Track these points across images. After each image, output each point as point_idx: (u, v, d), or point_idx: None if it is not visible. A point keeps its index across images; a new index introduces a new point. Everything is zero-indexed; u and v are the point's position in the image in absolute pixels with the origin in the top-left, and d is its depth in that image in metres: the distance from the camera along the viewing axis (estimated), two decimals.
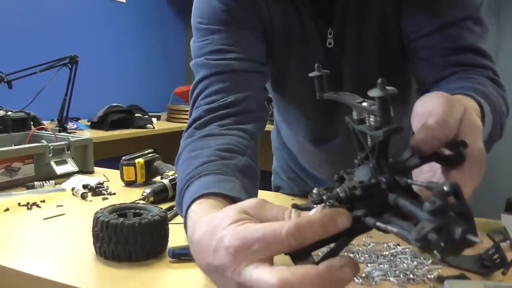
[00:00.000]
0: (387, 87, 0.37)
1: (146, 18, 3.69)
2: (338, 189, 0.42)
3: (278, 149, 1.24)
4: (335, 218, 0.40)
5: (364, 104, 0.42)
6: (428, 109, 0.44)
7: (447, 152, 0.43)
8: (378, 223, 0.40)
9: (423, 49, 0.79)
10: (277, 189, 1.24)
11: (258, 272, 0.38)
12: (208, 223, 0.46)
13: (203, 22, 0.83)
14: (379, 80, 0.37)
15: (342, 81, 0.88)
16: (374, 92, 0.38)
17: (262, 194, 1.10)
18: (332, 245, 0.42)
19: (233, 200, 0.55)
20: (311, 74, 0.49)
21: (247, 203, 0.45)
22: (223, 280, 0.43)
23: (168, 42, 3.93)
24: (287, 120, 1.06)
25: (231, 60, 0.80)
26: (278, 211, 0.44)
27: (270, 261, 0.40)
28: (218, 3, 0.82)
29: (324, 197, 0.42)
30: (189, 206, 0.55)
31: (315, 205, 0.43)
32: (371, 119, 0.41)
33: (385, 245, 0.76)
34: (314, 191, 0.43)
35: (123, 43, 3.47)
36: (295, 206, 0.45)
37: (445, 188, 0.34)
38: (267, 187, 1.21)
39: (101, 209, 0.72)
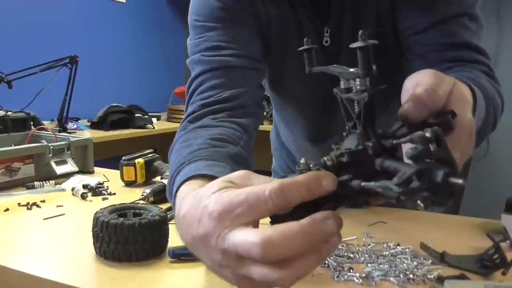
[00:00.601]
0: (368, 40, 0.37)
1: (146, 18, 3.69)
2: (325, 158, 0.42)
3: (277, 149, 1.24)
4: (319, 179, 0.39)
5: (351, 69, 0.43)
6: (416, 82, 0.43)
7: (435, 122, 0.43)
8: (363, 183, 0.38)
9: (418, 45, 0.79)
10: None
11: (242, 234, 0.38)
12: (194, 196, 0.45)
13: (200, 19, 0.84)
14: (360, 32, 0.37)
15: (338, 77, 0.88)
16: (355, 44, 0.38)
17: None
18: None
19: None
20: (300, 48, 0.49)
21: (234, 174, 0.44)
22: (207, 250, 0.41)
23: (168, 42, 3.93)
24: (285, 120, 1.07)
25: (227, 56, 0.80)
26: (265, 180, 0.43)
27: (254, 225, 0.39)
28: (214, 1, 0.82)
29: (311, 165, 0.42)
30: (178, 189, 0.54)
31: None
32: (357, 83, 0.41)
33: (385, 245, 0.76)
34: (302, 161, 0.43)
35: (123, 43, 3.47)
36: (282, 177, 0.43)
37: (426, 134, 0.34)
38: None
39: (101, 209, 0.72)
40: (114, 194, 1.07)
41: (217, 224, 0.39)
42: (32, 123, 1.48)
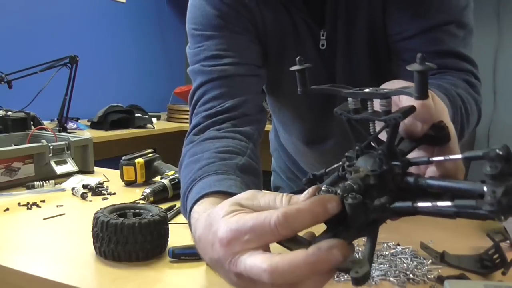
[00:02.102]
0: (427, 63, 0.37)
1: (146, 18, 3.69)
2: (350, 182, 0.40)
3: (276, 150, 1.25)
4: (324, 204, 0.39)
5: (367, 90, 0.42)
6: (403, 97, 0.45)
7: (434, 134, 0.45)
8: (421, 204, 0.37)
9: (406, 51, 0.79)
10: (276, 189, 1.25)
11: (252, 260, 0.40)
12: (206, 219, 0.47)
13: (197, 28, 0.84)
14: (419, 55, 0.37)
15: (335, 82, 0.88)
16: (413, 67, 0.37)
17: None
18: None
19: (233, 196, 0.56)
20: (292, 68, 0.47)
21: (240, 195, 0.46)
22: (224, 272, 0.44)
23: (168, 42, 3.93)
24: (283, 122, 1.07)
25: (227, 65, 0.80)
26: (270, 199, 0.44)
27: (265, 248, 0.41)
28: (211, 9, 0.82)
29: (338, 192, 0.40)
30: (191, 208, 0.56)
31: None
32: (382, 103, 0.40)
33: (385, 245, 0.76)
34: (323, 188, 0.42)
35: (123, 43, 3.47)
36: (293, 192, 0.45)
37: (499, 151, 0.34)
38: (267, 187, 1.21)
39: (101, 209, 0.72)
40: (114, 194, 1.07)
41: (227, 250, 0.41)
42: (32, 123, 1.48)
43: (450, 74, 0.76)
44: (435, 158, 0.40)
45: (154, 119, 2.98)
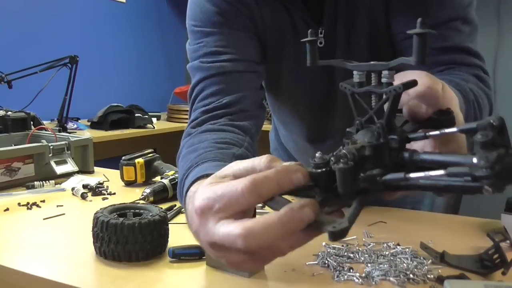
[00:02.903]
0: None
1: (146, 18, 3.69)
2: (344, 151, 0.40)
3: (276, 149, 1.24)
4: (289, 174, 0.40)
5: (372, 62, 0.42)
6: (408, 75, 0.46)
7: (440, 118, 0.45)
8: (413, 174, 0.37)
9: (411, 49, 0.79)
10: None
11: (224, 228, 0.40)
12: (193, 195, 0.47)
13: (197, 24, 0.84)
14: (419, 20, 0.38)
15: (334, 79, 0.88)
16: (413, 31, 0.38)
17: None
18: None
19: None
20: (303, 40, 0.47)
21: (224, 168, 0.46)
22: (202, 243, 0.45)
23: (168, 41, 3.93)
24: (283, 121, 1.07)
25: (226, 61, 0.81)
26: (253, 160, 0.45)
27: (238, 217, 0.41)
28: (210, 6, 0.83)
29: (332, 159, 0.41)
30: (188, 189, 0.56)
31: (318, 170, 0.42)
32: (384, 74, 0.41)
33: (385, 245, 0.76)
34: (317, 154, 0.42)
35: (123, 43, 3.47)
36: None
37: (492, 121, 0.34)
38: None
39: (101, 209, 0.72)
40: (114, 194, 1.07)
41: (201, 220, 0.42)
42: (32, 123, 1.48)
43: (459, 70, 0.77)
44: (431, 133, 0.40)
45: (154, 119, 2.98)
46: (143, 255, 0.68)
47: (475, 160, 0.33)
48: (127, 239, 0.66)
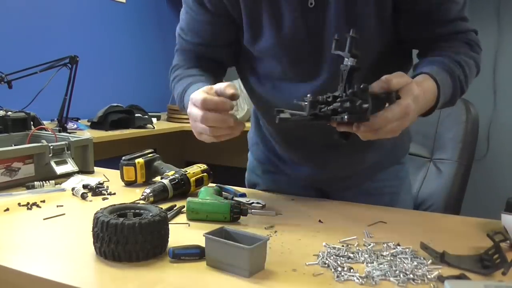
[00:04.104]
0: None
1: (146, 18, 3.69)
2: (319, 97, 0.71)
3: (255, 144, 1.23)
4: (224, 89, 0.81)
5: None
6: (387, 76, 0.73)
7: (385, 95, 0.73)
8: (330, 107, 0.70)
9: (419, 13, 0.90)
10: (253, 186, 1.24)
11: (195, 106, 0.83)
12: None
13: None
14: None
15: (324, 35, 0.90)
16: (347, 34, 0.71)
17: (241, 190, 1.12)
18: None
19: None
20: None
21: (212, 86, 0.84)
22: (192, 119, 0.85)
23: (168, 41, 3.92)
24: (265, 88, 1.03)
25: (189, 43, 1.06)
26: (220, 86, 0.82)
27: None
28: None
29: (310, 98, 0.71)
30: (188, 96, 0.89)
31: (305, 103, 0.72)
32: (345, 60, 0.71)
33: (385, 245, 0.76)
34: (308, 95, 0.71)
35: (123, 43, 3.47)
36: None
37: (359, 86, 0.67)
38: (242, 184, 1.23)
39: (101, 209, 0.72)
40: (114, 194, 1.07)
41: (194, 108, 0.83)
42: (32, 123, 1.48)
43: (456, 39, 0.91)
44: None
45: (154, 119, 2.98)
46: (143, 255, 0.68)
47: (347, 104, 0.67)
48: (127, 239, 0.66)
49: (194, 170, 1.09)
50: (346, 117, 0.66)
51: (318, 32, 0.89)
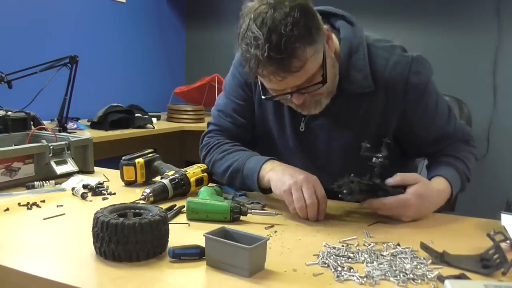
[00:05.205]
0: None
1: (146, 18, 3.69)
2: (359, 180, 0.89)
3: None
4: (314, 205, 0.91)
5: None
6: (402, 176, 0.93)
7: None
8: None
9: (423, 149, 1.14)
10: None
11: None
12: (284, 168, 0.99)
13: (226, 84, 1.21)
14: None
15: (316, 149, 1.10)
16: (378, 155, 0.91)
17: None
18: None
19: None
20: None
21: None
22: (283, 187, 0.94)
23: (168, 41, 3.93)
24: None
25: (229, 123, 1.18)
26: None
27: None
28: (240, 78, 1.15)
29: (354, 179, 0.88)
30: (260, 167, 1.01)
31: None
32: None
33: (385, 245, 0.76)
34: (351, 176, 0.88)
35: (123, 43, 3.46)
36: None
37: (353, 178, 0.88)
38: None
39: (101, 209, 0.72)
40: (114, 194, 1.07)
41: (300, 181, 0.93)
42: (32, 123, 1.48)
43: (453, 142, 1.11)
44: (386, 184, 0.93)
45: (154, 119, 2.97)
46: (143, 255, 0.68)
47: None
48: (127, 239, 0.66)
49: (194, 170, 1.09)
50: (345, 191, 0.87)
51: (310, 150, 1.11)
